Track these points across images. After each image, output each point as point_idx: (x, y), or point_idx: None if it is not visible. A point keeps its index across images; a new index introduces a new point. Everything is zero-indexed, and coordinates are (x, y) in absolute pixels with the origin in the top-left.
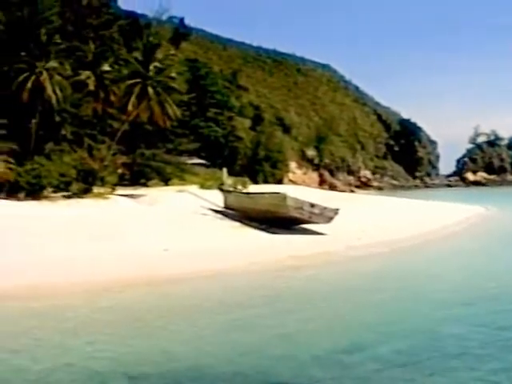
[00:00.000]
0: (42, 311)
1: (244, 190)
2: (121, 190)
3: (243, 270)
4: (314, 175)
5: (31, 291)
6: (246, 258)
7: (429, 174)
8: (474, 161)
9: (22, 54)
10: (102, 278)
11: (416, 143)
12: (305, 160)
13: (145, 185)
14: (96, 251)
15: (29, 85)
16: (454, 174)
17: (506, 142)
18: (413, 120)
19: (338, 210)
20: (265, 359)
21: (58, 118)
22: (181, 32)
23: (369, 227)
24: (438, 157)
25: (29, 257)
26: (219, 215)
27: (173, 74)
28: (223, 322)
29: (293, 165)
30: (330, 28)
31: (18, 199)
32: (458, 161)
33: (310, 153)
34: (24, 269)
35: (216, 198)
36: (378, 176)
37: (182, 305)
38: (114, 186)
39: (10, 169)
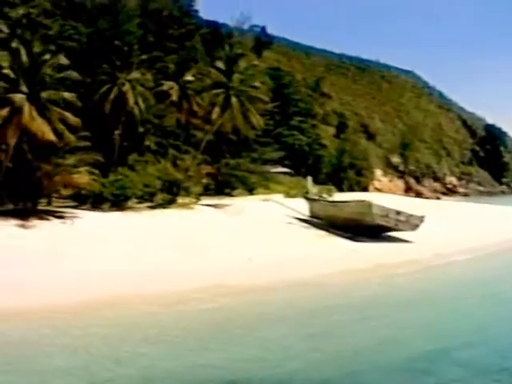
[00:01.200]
0: (119, 322)
1: (329, 199)
2: (205, 200)
3: (329, 278)
4: (400, 182)
5: (110, 300)
6: (332, 266)
7: None
8: None
9: (104, 65)
10: (184, 287)
11: (502, 148)
12: (390, 167)
13: (229, 194)
14: (180, 261)
15: (111, 96)
16: None
17: None
18: (498, 125)
19: (423, 217)
20: (353, 366)
21: (141, 129)
22: (263, 41)
23: (454, 234)
24: None
25: (114, 267)
26: (304, 224)
27: (256, 84)
28: (309, 330)
29: (378, 172)
30: (412, 34)
31: (103, 210)
32: None
33: (395, 160)
34: (107, 278)
35: (301, 207)
36: (463, 182)
37: (264, 313)
38: (199, 195)
39: (94, 180)
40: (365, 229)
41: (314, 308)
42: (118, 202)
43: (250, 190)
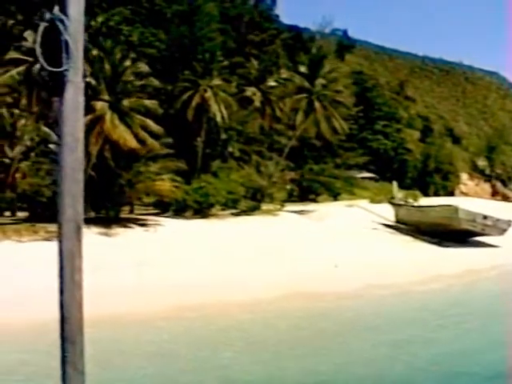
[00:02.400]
0: (212, 327)
1: (415, 204)
2: (290, 206)
3: (416, 285)
4: (486, 186)
5: (194, 307)
6: (419, 272)
7: None
8: None
9: (186, 72)
10: (270, 295)
11: None
12: (476, 171)
13: (314, 200)
14: (264, 268)
15: (193, 103)
16: None
17: None
18: None
19: (511, 221)
20: (441, 374)
21: (224, 136)
22: (345, 44)
23: None
24: None
25: (197, 274)
26: (390, 229)
27: (339, 88)
28: (395, 338)
29: (464, 176)
30: (497, 34)
31: (186, 218)
32: None
33: (481, 163)
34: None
35: (386, 212)
36: None
37: (351, 321)
38: (283, 202)
39: (177, 187)
40: (451, 234)
41: (403, 315)
42: (201, 210)
43: (335, 196)
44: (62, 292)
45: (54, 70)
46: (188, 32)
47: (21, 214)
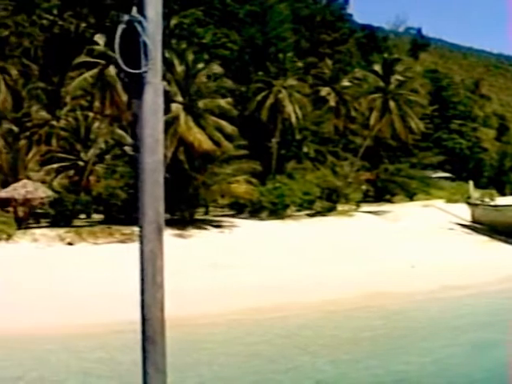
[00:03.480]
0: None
1: (491, 203)
2: (365, 207)
3: (493, 285)
4: None
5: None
6: (496, 272)
7: None
8: None
9: (259, 72)
10: (346, 295)
11: None
12: None
13: (389, 201)
14: (340, 269)
15: (268, 104)
16: None
17: None
18: None
19: None
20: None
21: (298, 136)
22: (419, 43)
23: None
24: None
25: (273, 276)
26: (467, 230)
27: (414, 87)
28: (473, 339)
29: None
30: None
31: (261, 219)
32: None
33: None
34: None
35: (463, 212)
36: None
37: (425, 321)
38: (358, 202)
39: (253, 189)
40: None
41: (480, 316)
42: (277, 211)
43: (411, 196)
44: (143, 293)
45: (133, 71)
46: (261, 32)
47: (96, 217)
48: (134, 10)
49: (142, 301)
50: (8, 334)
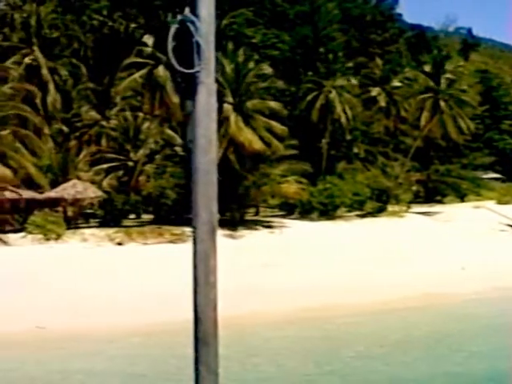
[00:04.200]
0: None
1: None
2: (416, 208)
3: None
4: None
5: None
6: None
7: None
8: None
9: (309, 73)
10: (395, 296)
11: None
12: None
13: (440, 202)
14: (389, 270)
15: (318, 104)
16: None
17: None
18: None
19: None
20: None
21: (349, 137)
22: (469, 43)
23: None
24: None
25: (326, 276)
26: None
27: (464, 87)
28: None
29: None
30: None
31: (311, 219)
32: None
33: None
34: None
35: None
36: None
37: (477, 322)
38: (409, 203)
39: (303, 189)
40: None
41: None
42: (327, 211)
43: (461, 197)
44: (196, 293)
45: (186, 71)
46: (311, 32)
47: (146, 217)
48: (187, 10)
49: (195, 301)
50: (62, 333)
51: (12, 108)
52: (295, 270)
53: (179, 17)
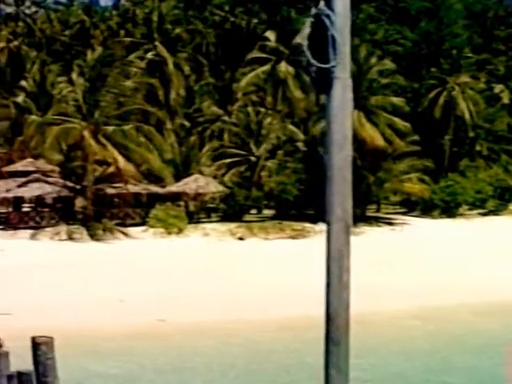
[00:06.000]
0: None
1: None
2: None
3: None
4: None
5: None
6: None
7: None
8: None
9: (432, 69)
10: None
11: None
12: None
13: None
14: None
15: (441, 101)
16: None
17: None
18: None
19: None
20: None
21: (471, 134)
22: None
23: None
24: None
25: (447, 275)
26: None
27: None
28: None
29: None
30: None
31: (432, 217)
32: None
33: None
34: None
35: None
36: None
37: None
38: None
39: (426, 187)
40: None
41: None
42: (449, 209)
43: None
44: (328, 292)
45: (322, 66)
46: (434, 28)
47: (267, 212)
48: (322, 3)
49: (327, 300)
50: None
51: (134, 103)
52: (416, 267)
53: (314, 10)
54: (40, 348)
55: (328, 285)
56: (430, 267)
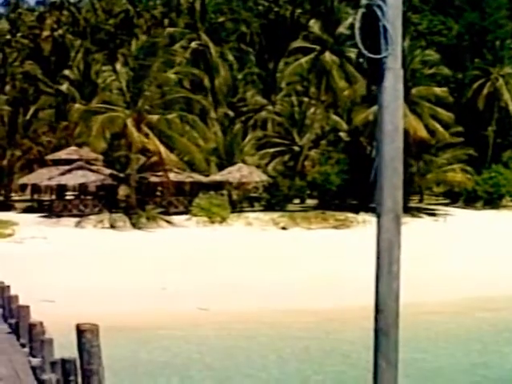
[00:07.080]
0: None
1: None
2: None
3: None
4: None
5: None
6: None
7: None
8: None
9: (476, 60)
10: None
11: None
12: None
13: None
14: None
15: (484, 92)
16: None
17: None
18: None
19: None
20: None
21: None
22: None
23: None
24: None
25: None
26: None
27: None
28: None
29: None
30: None
31: (475, 208)
32: None
33: None
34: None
35: None
36: None
37: None
38: None
39: (468, 178)
40: None
41: None
42: (492, 200)
43: None
44: (378, 283)
45: (374, 56)
46: (478, 19)
47: (310, 202)
48: None
49: (377, 291)
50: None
51: (178, 92)
52: (461, 258)
53: (365, 1)
54: (85, 335)
55: (377, 275)
56: (474, 257)
